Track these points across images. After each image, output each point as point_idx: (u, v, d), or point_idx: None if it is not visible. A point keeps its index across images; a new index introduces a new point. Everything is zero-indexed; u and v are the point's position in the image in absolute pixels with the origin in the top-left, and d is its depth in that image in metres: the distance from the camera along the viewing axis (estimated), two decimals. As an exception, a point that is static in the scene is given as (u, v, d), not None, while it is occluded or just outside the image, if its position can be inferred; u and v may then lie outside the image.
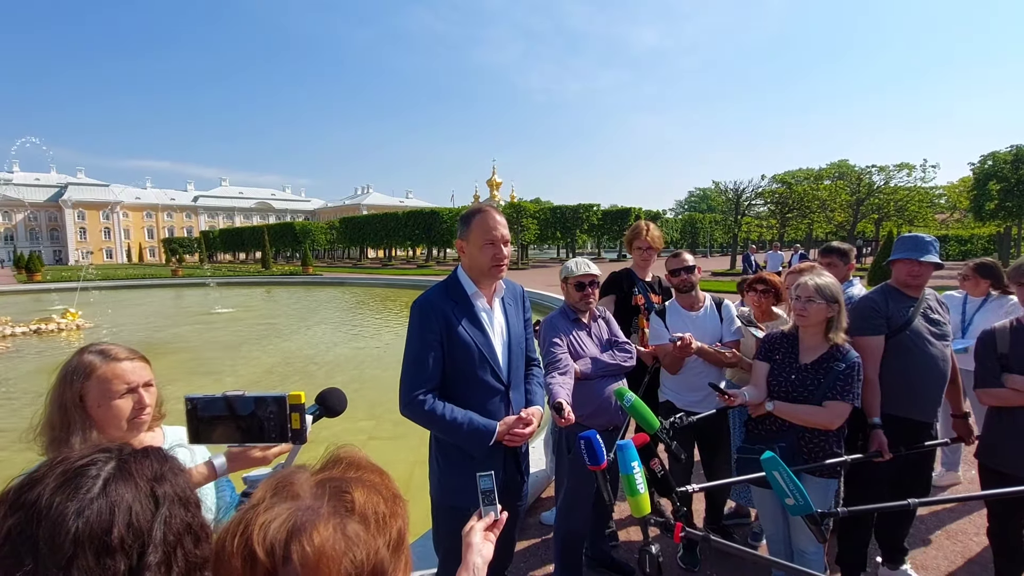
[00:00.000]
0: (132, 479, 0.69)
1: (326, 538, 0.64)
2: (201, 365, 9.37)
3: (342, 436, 0.96)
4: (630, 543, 3.40)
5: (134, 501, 0.67)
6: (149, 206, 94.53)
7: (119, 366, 1.43)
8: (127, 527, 0.64)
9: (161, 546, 0.66)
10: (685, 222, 64.76)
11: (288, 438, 1.25)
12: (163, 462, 0.75)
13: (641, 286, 3.58)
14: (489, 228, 2.10)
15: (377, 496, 0.72)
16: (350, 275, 33.11)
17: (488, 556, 1.20)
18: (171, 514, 0.69)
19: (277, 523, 0.64)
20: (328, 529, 0.65)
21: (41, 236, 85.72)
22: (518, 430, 2.10)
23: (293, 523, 0.64)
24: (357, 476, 0.74)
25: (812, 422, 2.38)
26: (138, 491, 0.68)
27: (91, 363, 1.43)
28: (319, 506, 0.67)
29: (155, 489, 0.70)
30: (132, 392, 1.44)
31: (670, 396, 3.21)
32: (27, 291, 26.32)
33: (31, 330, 13.06)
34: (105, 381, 1.40)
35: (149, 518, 0.67)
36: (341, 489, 0.71)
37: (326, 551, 0.63)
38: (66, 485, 0.65)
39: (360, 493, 0.71)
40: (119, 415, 1.40)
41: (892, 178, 34.71)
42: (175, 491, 0.72)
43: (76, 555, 0.60)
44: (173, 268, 39.46)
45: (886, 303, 2.73)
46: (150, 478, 0.71)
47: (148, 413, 1.47)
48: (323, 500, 0.68)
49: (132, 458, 0.72)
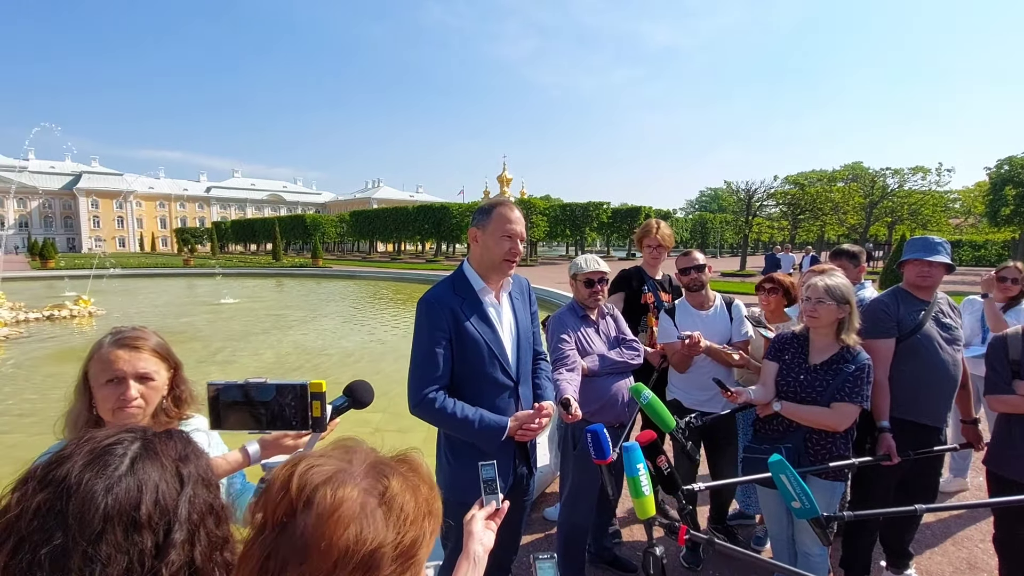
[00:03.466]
0: (158, 458, 0.71)
1: (347, 498, 0.70)
2: (213, 354, 9.46)
3: (350, 429, 0.97)
4: (633, 541, 3.41)
5: (160, 480, 0.68)
6: (162, 196, 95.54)
7: (112, 352, 1.38)
8: (154, 504, 0.66)
9: (186, 524, 0.68)
10: (695, 222, 64.42)
11: (309, 426, 1.26)
12: (186, 444, 0.77)
13: (651, 284, 3.58)
14: (509, 221, 2.09)
15: (412, 500, 0.76)
16: (360, 268, 33.26)
17: (489, 544, 1.21)
18: (195, 493, 0.71)
19: (320, 470, 0.73)
20: (353, 493, 0.71)
21: (55, 223, 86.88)
22: (531, 425, 2.09)
23: (330, 475, 0.72)
24: (407, 475, 0.79)
25: (820, 423, 2.37)
26: (164, 470, 0.70)
27: (99, 343, 1.42)
28: (358, 475, 0.74)
29: (180, 469, 0.72)
30: (118, 382, 1.37)
31: (678, 395, 3.21)
32: (41, 277, 26.64)
33: (44, 316, 13.21)
34: (98, 364, 1.38)
35: (175, 496, 0.69)
36: (384, 474, 0.76)
37: (342, 510, 0.69)
38: (94, 463, 0.67)
39: (398, 486, 0.76)
40: (104, 401, 1.38)
41: (906, 181, 34.33)
42: (198, 472, 0.74)
43: (105, 531, 0.62)
44: (185, 258, 39.83)
45: (897, 306, 2.71)
46: (175, 458, 0.73)
47: (137, 406, 1.38)
48: (364, 473, 0.75)
49: (157, 439, 0.74)
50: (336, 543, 0.68)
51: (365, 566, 0.70)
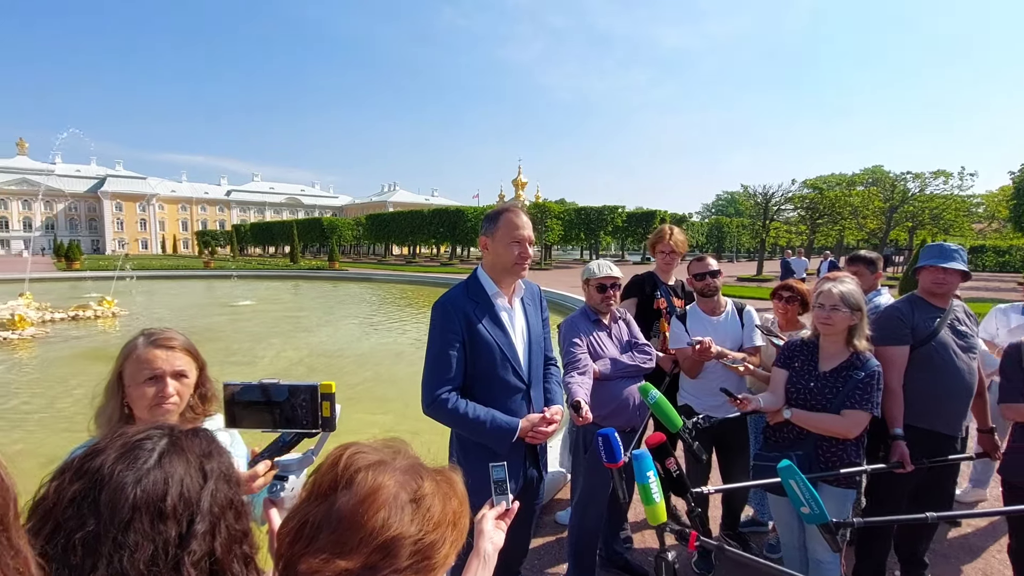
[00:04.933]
0: (184, 454, 0.76)
1: (383, 486, 0.79)
2: (231, 355, 9.62)
3: (360, 430, 1.01)
4: (645, 548, 3.41)
5: (185, 474, 0.73)
6: (184, 199, 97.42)
7: (150, 352, 1.48)
8: (179, 497, 0.71)
9: (208, 516, 0.72)
10: (711, 226, 63.81)
11: (319, 425, 1.31)
12: (210, 442, 0.82)
13: (663, 289, 3.58)
14: (516, 227, 2.14)
15: (440, 506, 0.84)
16: (375, 271, 33.58)
17: (499, 544, 1.24)
18: (217, 488, 0.76)
19: (365, 456, 0.83)
20: (389, 482, 0.80)
21: (80, 225, 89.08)
22: (541, 428, 2.12)
23: (373, 463, 0.82)
24: (441, 483, 0.87)
25: (830, 430, 2.36)
26: (189, 465, 0.75)
27: (134, 344, 1.51)
28: (398, 469, 0.83)
29: (204, 464, 0.76)
30: (157, 380, 1.46)
31: (689, 400, 3.21)
32: (66, 278, 27.26)
33: (69, 316, 13.51)
34: (135, 363, 1.47)
35: (198, 490, 0.73)
36: (421, 475, 0.85)
37: (377, 495, 0.78)
38: (125, 456, 0.72)
39: (430, 489, 0.84)
40: (142, 399, 1.45)
41: (928, 185, 33.66)
42: (221, 468, 0.79)
43: (133, 519, 0.67)
44: (205, 260, 40.45)
45: (912, 313, 2.69)
46: (199, 454, 0.77)
47: (173, 403, 1.49)
48: (404, 470, 0.84)
49: (183, 436, 0.79)
50: (365, 523, 0.76)
51: (384, 550, 0.76)
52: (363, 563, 0.75)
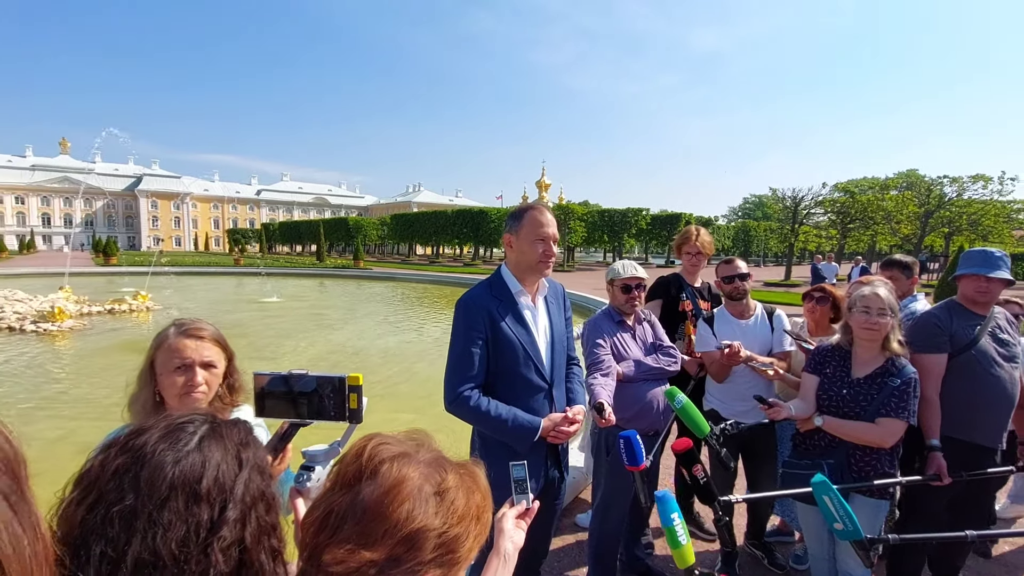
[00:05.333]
0: (223, 441, 0.77)
1: (408, 478, 0.79)
2: (258, 351, 9.82)
3: (382, 426, 1.01)
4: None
5: (222, 460, 0.74)
6: (216, 198, 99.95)
7: (180, 342, 1.52)
8: (214, 481, 0.72)
9: (240, 504, 0.73)
10: (738, 229, 62.67)
11: (346, 417, 1.32)
12: (248, 432, 0.83)
13: (689, 291, 3.53)
14: (541, 224, 2.13)
15: (464, 499, 0.84)
16: (399, 271, 33.88)
17: (519, 543, 1.23)
18: (250, 478, 0.76)
19: (389, 448, 0.83)
20: (414, 474, 0.80)
21: (117, 222, 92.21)
22: (563, 428, 2.11)
23: (397, 454, 0.82)
24: (465, 477, 0.87)
25: (864, 439, 2.28)
26: (226, 452, 0.76)
27: (165, 334, 1.55)
28: (422, 461, 0.83)
29: (240, 453, 0.77)
30: (186, 369, 1.50)
31: (716, 405, 3.15)
32: (103, 273, 28.26)
33: (106, 310, 14.01)
34: (166, 353, 1.51)
35: (233, 477, 0.74)
36: (444, 468, 0.85)
37: (401, 487, 0.78)
38: (168, 436, 0.74)
39: (454, 482, 0.84)
40: (172, 387, 1.49)
41: (966, 190, 32.35)
42: (255, 459, 0.79)
43: (169, 498, 0.68)
44: (235, 257, 41.41)
45: (950, 320, 2.58)
46: (237, 443, 0.79)
47: (201, 392, 1.52)
48: (428, 462, 0.84)
49: (223, 424, 0.81)
50: (390, 514, 0.76)
51: (409, 542, 0.76)
52: (388, 555, 0.75)
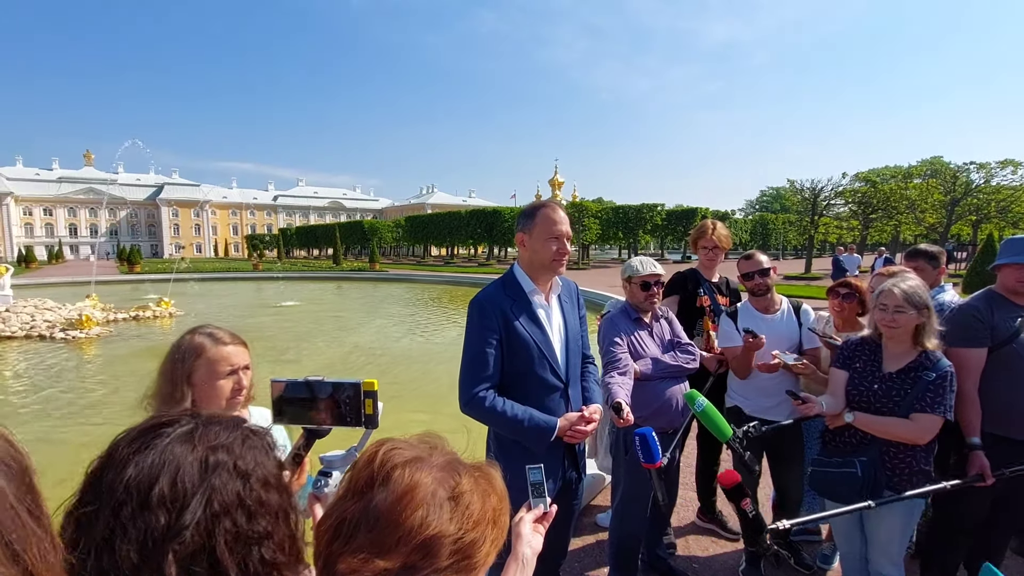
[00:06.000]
0: (191, 443, 0.71)
1: (421, 483, 0.77)
2: (280, 353, 9.97)
3: (398, 428, 1.00)
4: (689, 554, 3.30)
5: (184, 463, 0.68)
6: (234, 204, 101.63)
7: (225, 349, 1.58)
8: (171, 486, 0.66)
9: (201, 510, 0.67)
10: (756, 222, 61.71)
11: (362, 422, 1.32)
12: (232, 431, 0.75)
13: (707, 287, 3.46)
14: (554, 222, 2.10)
15: (479, 503, 0.81)
16: (414, 272, 34.11)
17: (537, 547, 1.21)
18: (221, 483, 0.69)
19: (402, 453, 0.81)
20: (427, 479, 0.78)
21: (140, 231, 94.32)
22: (580, 427, 2.08)
23: (410, 459, 0.80)
24: (480, 480, 0.84)
25: (899, 436, 2.19)
26: (192, 455, 0.69)
27: (202, 344, 1.58)
28: (435, 466, 0.81)
29: (208, 457, 0.70)
30: (234, 374, 1.57)
31: (739, 401, 3.08)
32: (128, 281, 28.96)
33: (130, 316, 14.37)
34: (212, 362, 1.55)
35: (196, 483, 0.68)
36: (458, 472, 0.82)
37: (415, 493, 0.76)
38: (138, 439, 0.70)
39: (468, 485, 0.81)
40: (221, 394, 1.55)
41: (994, 176, 31.39)
42: (233, 462, 0.72)
43: (124, 502, 0.64)
44: (254, 263, 42.09)
45: (991, 312, 2.45)
46: (209, 446, 0.71)
47: (244, 395, 1.60)
48: (441, 466, 0.82)
49: (204, 425, 0.74)
50: (403, 521, 0.74)
51: (424, 549, 0.74)
52: (403, 563, 0.73)
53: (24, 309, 13.21)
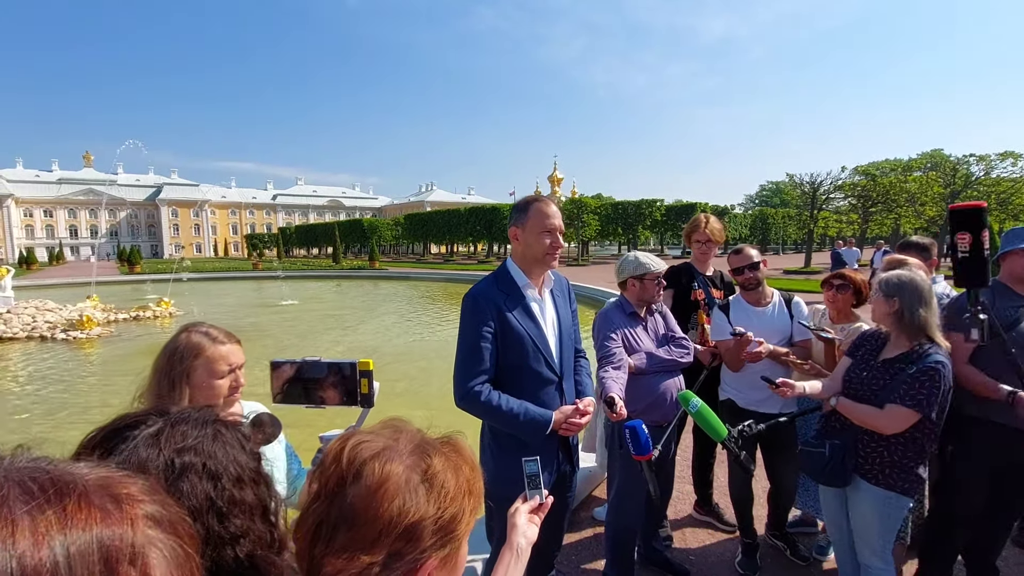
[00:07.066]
0: (157, 447, 0.68)
1: (393, 473, 0.77)
2: (280, 352, 9.98)
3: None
4: (685, 547, 3.32)
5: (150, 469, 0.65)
6: (234, 204, 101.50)
7: (223, 348, 1.59)
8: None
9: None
10: (755, 217, 61.63)
11: (358, 402, 1.33)
12: (201, 428, 0.73)
13: (701, 280, 3.47)
14: (546, 216, 2.10)
15: (453, 478, 0.81)
16: (414, 270, 34.11)
17: (532, 538, 1.23)
18: (190, 487, 0.67)
19: (369, 446, 0.80)
20: (398, 469, 0.78)
21: (140, 231, 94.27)
22: (575, 420, 2.09)
23: (378, 451, 0.79)
24: (450, 455, 0.84)
25: (868, 424, 2.20)
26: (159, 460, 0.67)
27: (200, 344, 1.58)
28: (404, 452, 0.81)
29: (175, 460, 0.68)
30: (231, 372, 1.60)
31: (732, 394, 3.10)
32: (128, 281, 28.96)
33: (131, 316, 14.44)
34: (211, 362, 1.56)
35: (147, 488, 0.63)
36: (428, 453, 0.82)
37: (388, 484, 0.76)
38: (102, 444, 0.67)
39: (440, 464, 0.81)
40: (219, 392, 1.56)
41: (994, 168, 31.31)
42: (203, 462, 0.70)
43: None
44: (254, 262, 42.15)
45: (992, 300, 2.46)
46: (175, 448, 0.69)
47: (240, 392, 1.62)
48: (410, 451, 0.81)
49: (172, 424, 0.72)
50: (381, 514, 0.74)
51: (407, 536, 0.75)
52: (388, 552, 0.74)
53: (25, 310, 13.29)
